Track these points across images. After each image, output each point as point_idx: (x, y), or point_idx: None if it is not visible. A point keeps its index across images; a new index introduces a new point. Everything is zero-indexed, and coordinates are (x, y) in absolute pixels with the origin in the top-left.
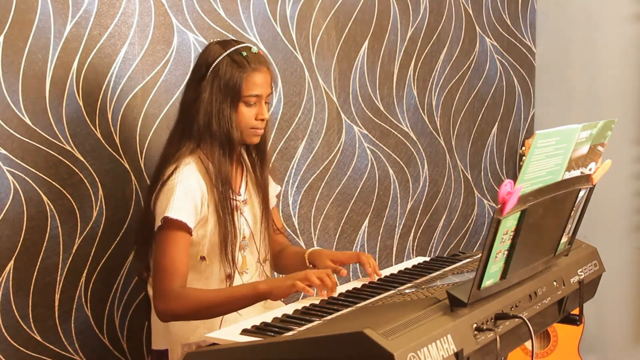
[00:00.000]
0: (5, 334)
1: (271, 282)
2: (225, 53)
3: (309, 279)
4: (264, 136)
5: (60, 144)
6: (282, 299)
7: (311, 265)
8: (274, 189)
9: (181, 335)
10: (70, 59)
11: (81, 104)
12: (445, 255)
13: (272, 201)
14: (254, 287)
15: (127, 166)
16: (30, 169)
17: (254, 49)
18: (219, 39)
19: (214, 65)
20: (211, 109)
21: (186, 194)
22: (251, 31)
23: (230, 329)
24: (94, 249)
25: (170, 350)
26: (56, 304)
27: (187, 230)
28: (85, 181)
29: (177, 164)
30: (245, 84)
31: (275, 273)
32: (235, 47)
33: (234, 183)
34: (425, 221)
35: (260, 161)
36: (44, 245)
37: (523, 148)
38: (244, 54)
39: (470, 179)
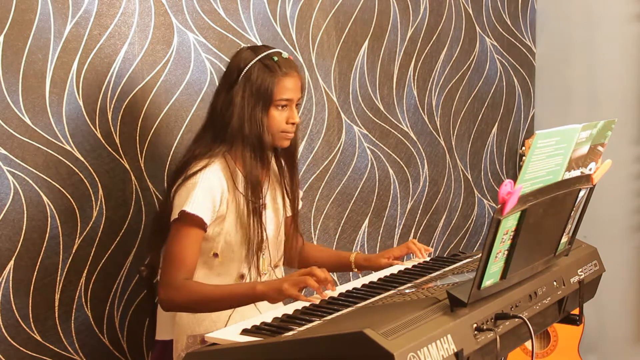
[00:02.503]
0: (5, 334)
1: (269, 285)
2: (257, 58)
3: (306, 282)
4: (294, 140)
5: (60, 144)
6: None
7: (356, 270)
8: (300, 193)
9: (188, 327)
10: (70, 59)
11: (81, 104)
12: (445, 255)
13: (299, 204)
14: (252, 288)
15: (127, 166)
16: (30, 169)
17: (285, 54)
18: (249, 45)
19: (245, 70)
20: (243, 114)
21: (206, 190)
22: (251, 31)
23: (230, 329)
24: (94, 249)
25: (175, 341)
26: (56, 304)
27: (202, 226)
28: (85, 181)
29: (207, 163)
30: (276, 89)
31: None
32: (267, 52)
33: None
34: (425, 221)
35: (291, 165)
36: (44, 245)
37: (523, 148)
38: (275, 58)
39: (470, 179)
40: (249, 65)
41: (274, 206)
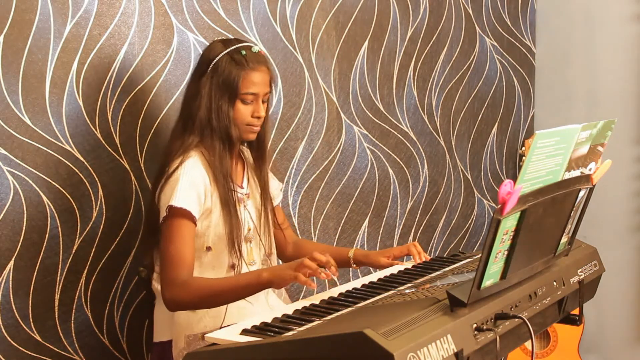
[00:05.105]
0: (5, 334)
1: (274, 271)
2: (226, 51)
3: (304, 264)
4: (262, 133)
5: (60, 144)
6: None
7: (354, 265)
8: (277, 185)
9: (186, 326)
10: (70, 59)
11: (81, 104)
12: (445, 255)
13: (278, 197)
14: (257, 276)
15: (127, 166)
16: (30, 169)
17: (255, 48)
18: (224, 38)
19: (213, 62)
20: (210, 105)
21: (190, 184)
22: (251, 31)
23: (230, 329)
24: (94, 249)
25: (174, 341)
26: (56, 304)
27: (192, 219)
28: (85, 181)
29: (182, 158)
30: (242, 82)
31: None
32: (236, 46)
33: (236, 177)
34: (425, 221)
35: (260, 157)
36: (44, 245)
37: (523, 148)
38: (244, 52)
39: (470, 179)
40: (217, 57)
41: (257, 196)
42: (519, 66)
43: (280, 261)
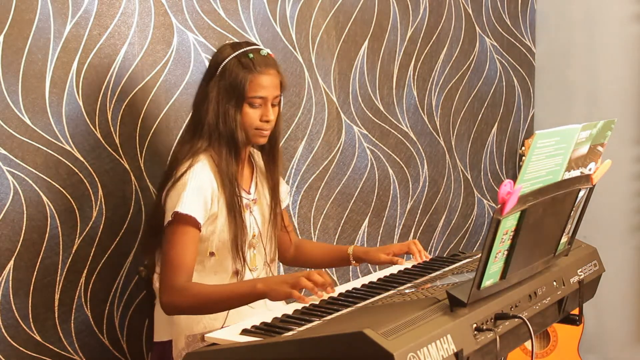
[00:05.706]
0: (5, 334)
1: (269, 284)
2: (233, 54)
3: (300, 284)
4: (274, 137)
5: (60, 144)
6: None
7: (354, 262)
8: (285, 188)
9: (186, 326)
10: (70, 59)
11: (81, 104)
12: (445, 255)
13: (285, 200)
14: (252, 287)
15: (127, 166)
16: (30, 169)
17: (264, 51)
18: (234, 41)
19: (221, 66)
20: (218, 109)
21: (197, 190)
22: (251, 31)
23: (230, 329)
24: (93, 249)
25: (174, 341)
26: (56, 304)
27: (196, 225)
28: (85, 181)
29: (191, 162)
30: (249, 86)
31: (282, 270)
32: (244, 49)
33: (243, 182)
34: (425, 221)
35: (272, 161)
36: (44, 245)
37: (523, 148)
38: (251, 55)
39: (470, 179)
40: (225, 61)
41: (263, 202)
42: (519, 66)
43: (281, 264)
